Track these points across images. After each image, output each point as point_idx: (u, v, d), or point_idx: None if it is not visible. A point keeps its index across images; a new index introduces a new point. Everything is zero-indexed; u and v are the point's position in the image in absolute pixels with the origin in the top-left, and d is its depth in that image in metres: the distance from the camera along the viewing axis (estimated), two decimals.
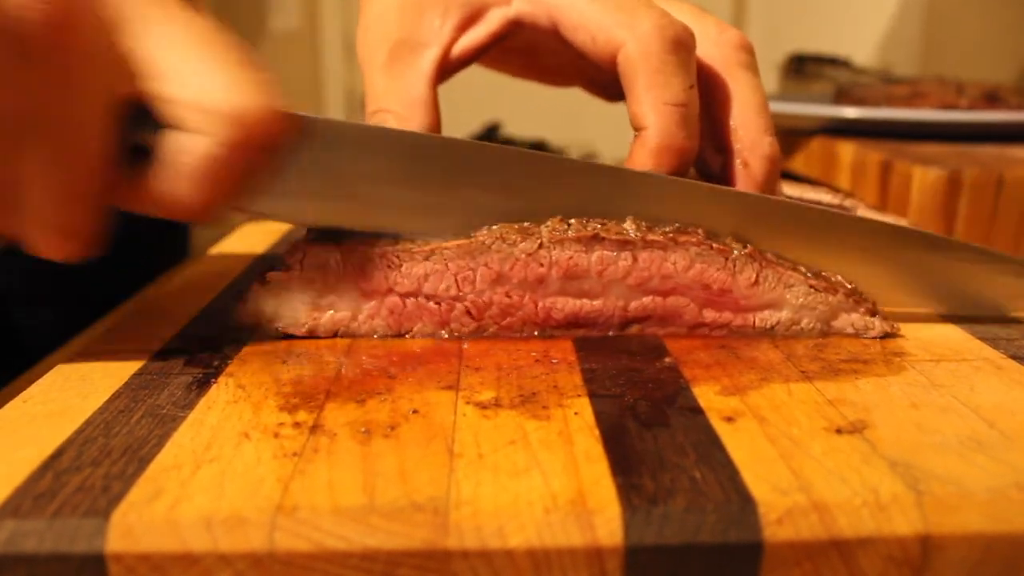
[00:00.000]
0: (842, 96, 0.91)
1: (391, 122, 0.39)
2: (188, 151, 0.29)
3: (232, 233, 0.57)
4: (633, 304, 0.34)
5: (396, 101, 0.39)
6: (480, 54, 0.41)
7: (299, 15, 2.39)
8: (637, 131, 0.36)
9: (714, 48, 0.38)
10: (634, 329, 0.35)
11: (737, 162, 0.38)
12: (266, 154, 0.31)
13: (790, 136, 0.87)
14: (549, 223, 0.33)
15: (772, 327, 0.35)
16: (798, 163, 0.85)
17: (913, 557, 0.22)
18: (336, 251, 0.33)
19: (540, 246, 0.33)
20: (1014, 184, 0.62)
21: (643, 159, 0.35)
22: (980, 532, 0.22)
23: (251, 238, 0.54)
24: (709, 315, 0.34)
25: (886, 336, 0.35)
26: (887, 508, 0.22)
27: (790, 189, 0.47)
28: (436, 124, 0.40)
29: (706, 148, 0.39)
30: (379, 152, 0.32)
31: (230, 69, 0.29)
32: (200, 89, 0.29)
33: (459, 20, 0.40)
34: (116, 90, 0.28)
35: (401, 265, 0.33)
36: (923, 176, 0.63)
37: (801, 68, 1.19)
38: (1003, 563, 0.22)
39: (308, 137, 0.31)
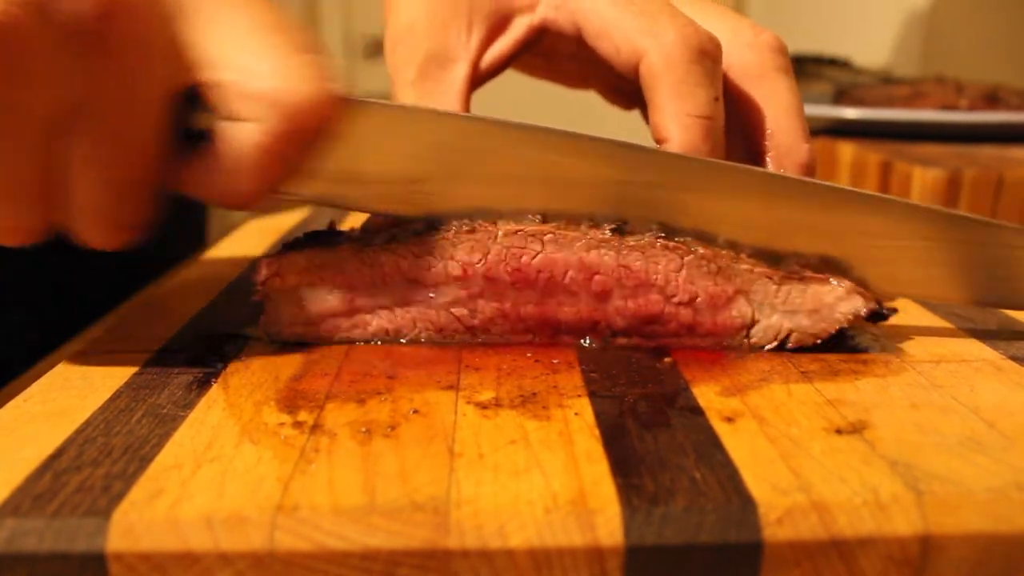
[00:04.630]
0: (842, 96, 0.91)
1: None
2: (237, 140, 0.29)
3: (232, 233, 0.57)
4: (604, 308, 0.33)
5: None
6: (508, 63, 0.41)
7: (299, 15, 2.40)
8: (659, 143, 0.35)
9: (749, 51, 0.37)
10: (626, 340, 0.34)
11: (771, 168, 0.36)
12: (316, 140, 0.30)
13: None
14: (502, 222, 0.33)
15: (750, 326, 0.33)
16: None
17: (913, 557, 0.22)
18: (309, 256, 0.33)
19: (495, 239, 0.32)
20: (1014, 184, 0.62)
21: None
22: (980, 532, 0.22)
23: (251, 238, 0.54)
24: (686, 316, 0.33)
25: (878, 316, 0.33)
26: (887, 508, 0.22)
27: None
28: None
29: (737, 154, 0.38)
30: (422, 133, 0.32)
31: (282, 55, 0.29)
32: (251, 76, 0.29)
33: (485, 32, 0.39)
34: (171, 79, 0.28)
35: (373, 265, 0.33)
36: (923, 176, 0.63)
37: (801, 68, 1.18)
38: (1003, 563, 0.22)
39: (357, 120, 0.31)
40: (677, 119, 0.34)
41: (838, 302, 0.33)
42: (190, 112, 0.29)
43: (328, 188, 0.32)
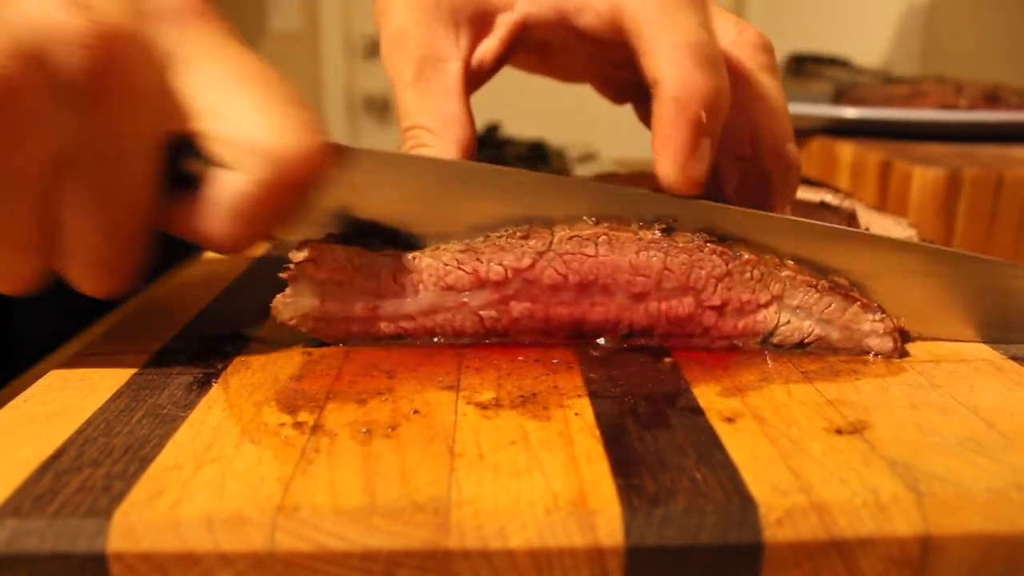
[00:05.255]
0: (842, 96, 0.91)
1: (425, 138, 0.38)
2: (227, 188, 0.30)
3: None
4: (636, 309, 0.33)
5: (429, 118, 0.39)
6: (501, 62, 0.41)
7: (299, 15, 2.39)
8: (652, 88, 0.32)
9: (732, 49, 0.36)
10: (640, 340, 0.34)
11: (757, 171, 0.36)
12: (303, 191, 0.31)
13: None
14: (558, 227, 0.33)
15: (772, 331, 0.33)
16: None
17: (913, 558, 0.22)
18: (350, 254, 0.32)
19: (550, 245, 0.32)
20: (1014, 184, 0.62)
21: (666, 114, 0.31)
22: (980, 533, 0.22)
23: None
24: (710, 319, 0.33)
25: (897, 353, 0.33)
26: (887, 509, 0.22)
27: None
28: (471, 137, 0.39)
29: (723, 156, 0.38)
30: (406, 176, 0.33)
31: (273, 107, 0.30)
32: (241, 128, 0.29)
33: (472, 32, 0.40)
34: (162, 128, 0.29)
35: (411, 272, 0.33)
36: (923, 176, 0.63)
37: (801, 68, 1.19)
38: (1003, 563, 0.22)
39: (343, 166, 0.32)
40: (664, 53, 0.31)
41: (872, 335, 0.32)
42: (181, 157, 0.30)
43: (318, 232, 0.33)
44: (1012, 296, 0.33)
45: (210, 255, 0.50)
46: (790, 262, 0.33)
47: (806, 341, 0.33)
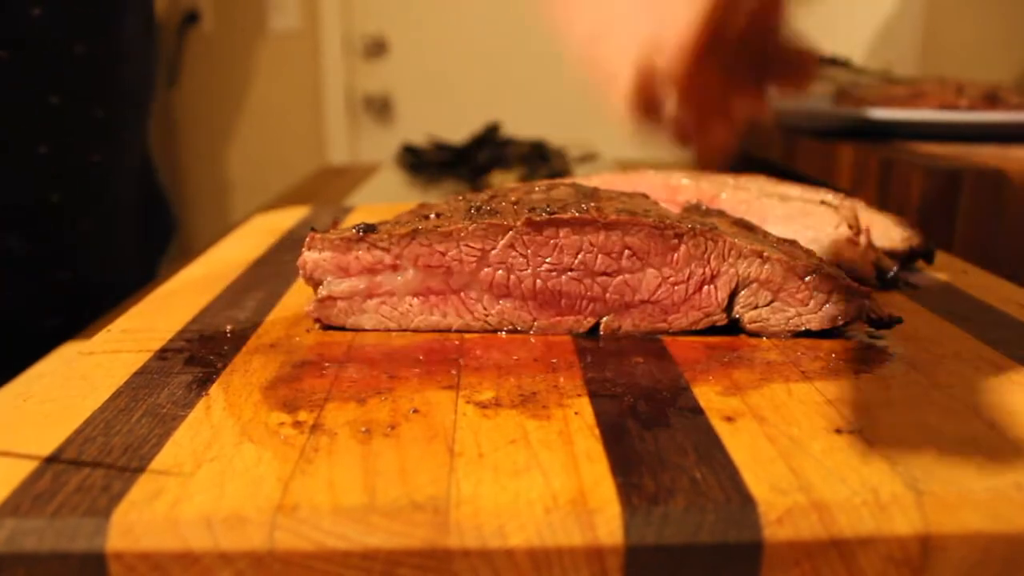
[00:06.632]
0: (842, 96, 0.91)
1: None
2: None
3: (232, 233, 0.57)
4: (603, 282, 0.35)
5: None
6: None
7: (299, 15, 2.39)
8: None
9: None
10: (612, 324, 0.35)
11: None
12: None
13: (790, 136, 0.87)
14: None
15: (734, 295, 0.34)
16: (798, 163, 0.85)
17: (913, 557, 0.22)
18: (344, 234, 0.35)
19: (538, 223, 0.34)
20: (1014, 184, 0.62)
21: None
22: (980, 532, 0.22)
23: (251, 239, 0.54)
24: (663, 293, 0.34)
25: (880, 324, 0.34)
26: (887, 508, 0.22)
27: (791, 189, 0.47)
28: None
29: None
30: None
31: None
32: None
33: None
34: None
35: (393, 248, 0.35)
36: (923, 176, 0.63)
37: None
38: (1003, 563, 0.22)
39: None
40: None
41: (837, 315, 0.34)
42: None
43: None
44: None
45: (210, 255, 0.50)
46: (736, 241, 0.34)
47: (770, 328, 0.34)
